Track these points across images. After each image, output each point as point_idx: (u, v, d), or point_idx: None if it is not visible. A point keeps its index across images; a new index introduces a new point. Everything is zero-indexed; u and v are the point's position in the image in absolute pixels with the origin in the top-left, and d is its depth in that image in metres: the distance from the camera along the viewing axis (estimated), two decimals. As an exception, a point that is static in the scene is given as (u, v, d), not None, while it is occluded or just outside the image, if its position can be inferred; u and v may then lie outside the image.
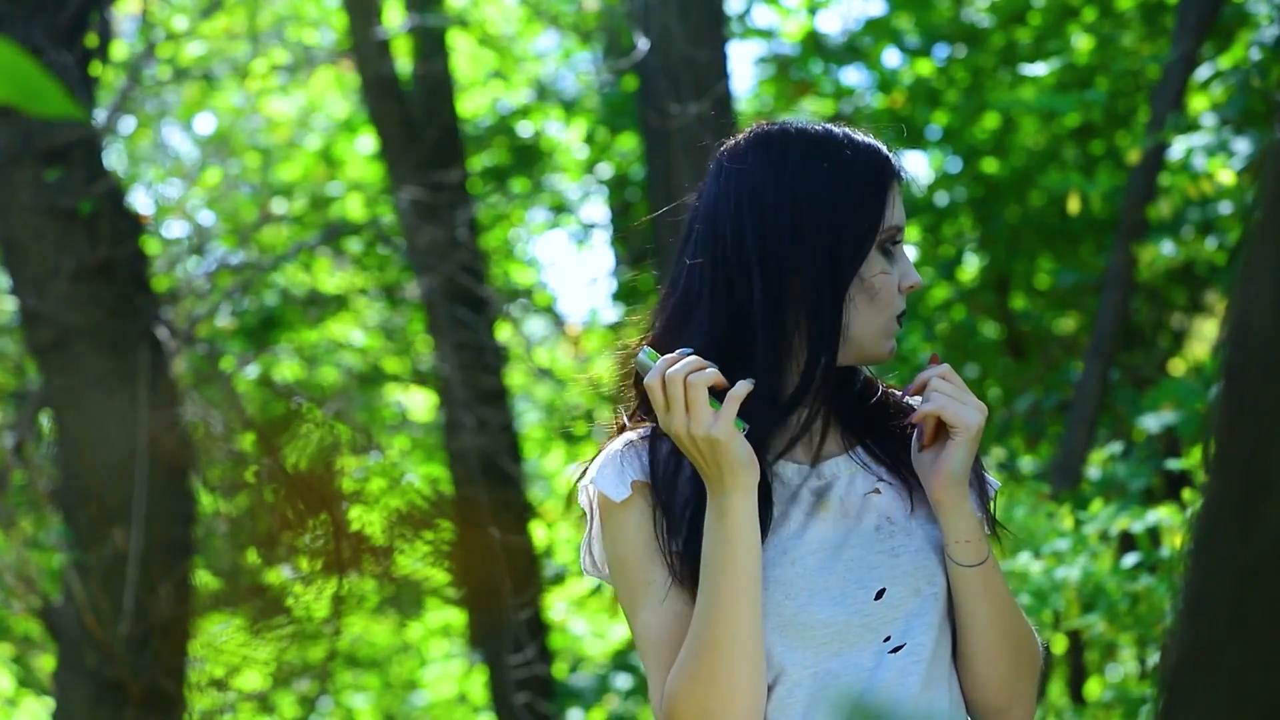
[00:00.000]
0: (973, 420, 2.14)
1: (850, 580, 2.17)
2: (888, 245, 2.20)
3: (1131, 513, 4.09)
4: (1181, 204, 6.41)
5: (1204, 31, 5.63)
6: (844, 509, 2.20)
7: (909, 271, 2.22)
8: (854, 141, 2.22)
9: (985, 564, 2.16)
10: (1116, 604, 3.99)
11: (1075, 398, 5.80)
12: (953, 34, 7.25)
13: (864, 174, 2.19)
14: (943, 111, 7.08)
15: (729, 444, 2.09)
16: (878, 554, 2.18)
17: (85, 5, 5.31)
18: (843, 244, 2.17)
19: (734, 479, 2.10)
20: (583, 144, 9.17)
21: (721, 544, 2.11)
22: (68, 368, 5.17)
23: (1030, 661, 2.22)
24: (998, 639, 2.18)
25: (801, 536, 2.19)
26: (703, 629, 2.11)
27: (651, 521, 2.20)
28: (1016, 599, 2.25)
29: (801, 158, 2.20)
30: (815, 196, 2.18)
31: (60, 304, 5.16)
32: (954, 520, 2.16)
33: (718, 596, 2.10)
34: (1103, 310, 5.78)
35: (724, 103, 6.34)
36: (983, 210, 7.34)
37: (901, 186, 2.23)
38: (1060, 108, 6.23)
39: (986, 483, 2.29)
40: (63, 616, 5.38)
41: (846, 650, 2.15)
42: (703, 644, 2.11)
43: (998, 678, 2.19)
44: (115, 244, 5.26)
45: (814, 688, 2.15)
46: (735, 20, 7.57)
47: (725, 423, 2.09)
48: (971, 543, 2.16)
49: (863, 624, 2.16)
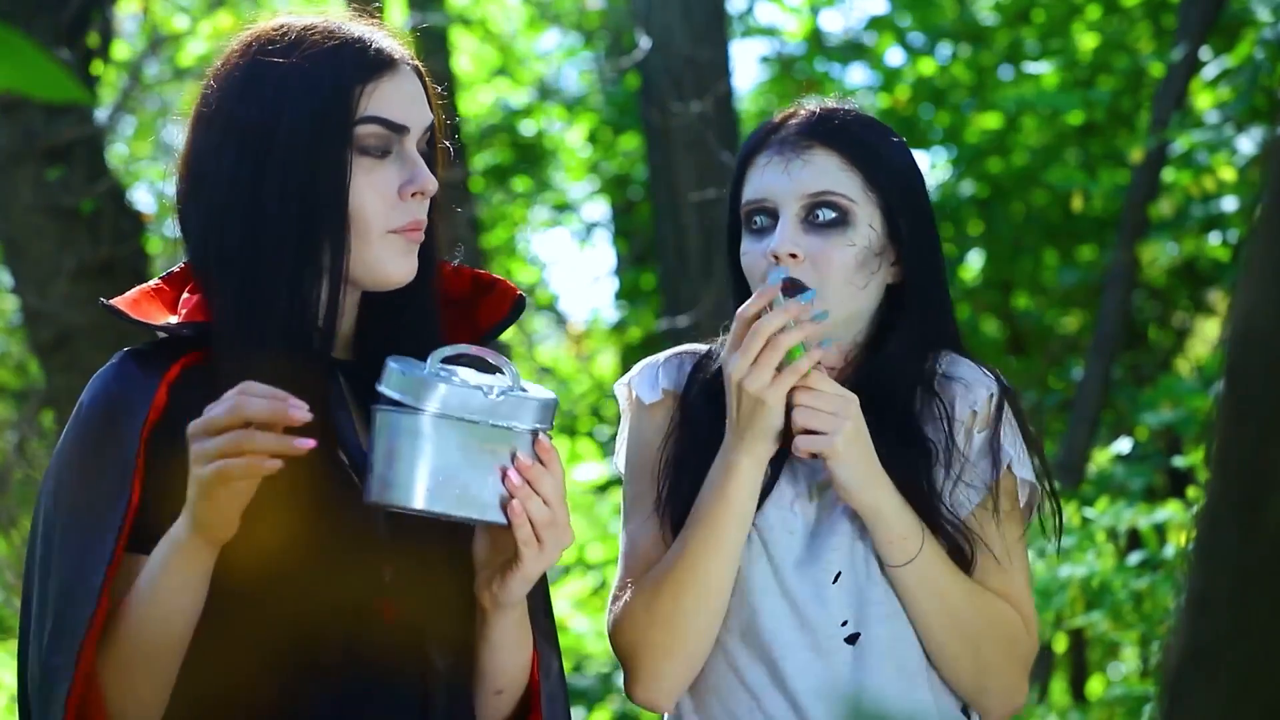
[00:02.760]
0: (832, 443, 2.07)
1: (812, 561, 2.15)
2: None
3: (1139, 510, 4.08)
4: (1184, 202, 6.40)
5: (1205, 31, 5.62)
6: (822, 490, 2.19)
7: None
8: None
9: (915, 563, 2.11)
10: (1120, 602, 3.98)
11: (1077, 396, 5.80)
12: (957, 32, 7.25)
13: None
14: (945, 112, 7.08)
15: (771, 411, 2.08)
16: (839, 536, 2.16)
17: (86, 4, 5.31)
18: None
19: (754, 443, 2.09)
20: (585, 143, 9.17)
21: (718, 498, 2.10)
22: (69, 367, 5.17)
23: (1000, 655, 2.16)
24: (947, 635, 2.14)
25: (790, 510, 2.18)
26: (672, 567, 2.12)
27: (670, 433, 2.20)
28: (979, 592, 2.18)
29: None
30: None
31: (62, 303, 5.15)
32: (871, 523, 2.12)
33: (696, 544, 2.11)
34: (1105, 309, 5.78)
35: (726, 102, 6.33)
36: (985, 209, 7.34)
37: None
38: (1064, 106, 6.23)
39: (1011, 471, 2.19)
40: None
41: (807, 628, 2.14)
42: (667, 581, 2.12)
43: (958, 671, 2.16)
44: (117, 243, 5.26)
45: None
46: (738, 19, 7.56)
47: (779, 391, 2.07)
48: (894, 543, 2.11)
49: (820, 606, 2.14)
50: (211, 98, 1.91)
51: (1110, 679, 7.29)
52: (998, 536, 2.18)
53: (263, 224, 1.86)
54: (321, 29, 1.91)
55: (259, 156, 1.86)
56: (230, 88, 1.90)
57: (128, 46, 6.53)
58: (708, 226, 6.29)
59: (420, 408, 1.78)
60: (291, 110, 1.86)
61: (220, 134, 1.89)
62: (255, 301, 1.85)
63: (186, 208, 1.93)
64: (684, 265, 6.34)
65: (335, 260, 1.86)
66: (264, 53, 1.90)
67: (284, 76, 1.88)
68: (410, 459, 1.77)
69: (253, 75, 1.89)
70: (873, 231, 2.16)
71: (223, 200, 1.87)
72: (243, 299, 1.86)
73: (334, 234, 1.86)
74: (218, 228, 1.88)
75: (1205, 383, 5.40)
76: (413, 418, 1.78)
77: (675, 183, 6.31)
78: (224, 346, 1.86)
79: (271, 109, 1.87)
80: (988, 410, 2.19)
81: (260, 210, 1.86)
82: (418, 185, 1.90)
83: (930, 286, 2.21)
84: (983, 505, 2.18)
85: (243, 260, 1.86)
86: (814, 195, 2.14)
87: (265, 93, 1.88)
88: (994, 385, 2.20)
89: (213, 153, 1.89)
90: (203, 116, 1.92)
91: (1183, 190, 6.18)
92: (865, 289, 2.16)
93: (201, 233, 1.90)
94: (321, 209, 1.86)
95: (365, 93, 1.88)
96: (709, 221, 6.29)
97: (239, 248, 1.86)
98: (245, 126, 1.87)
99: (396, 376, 1.79)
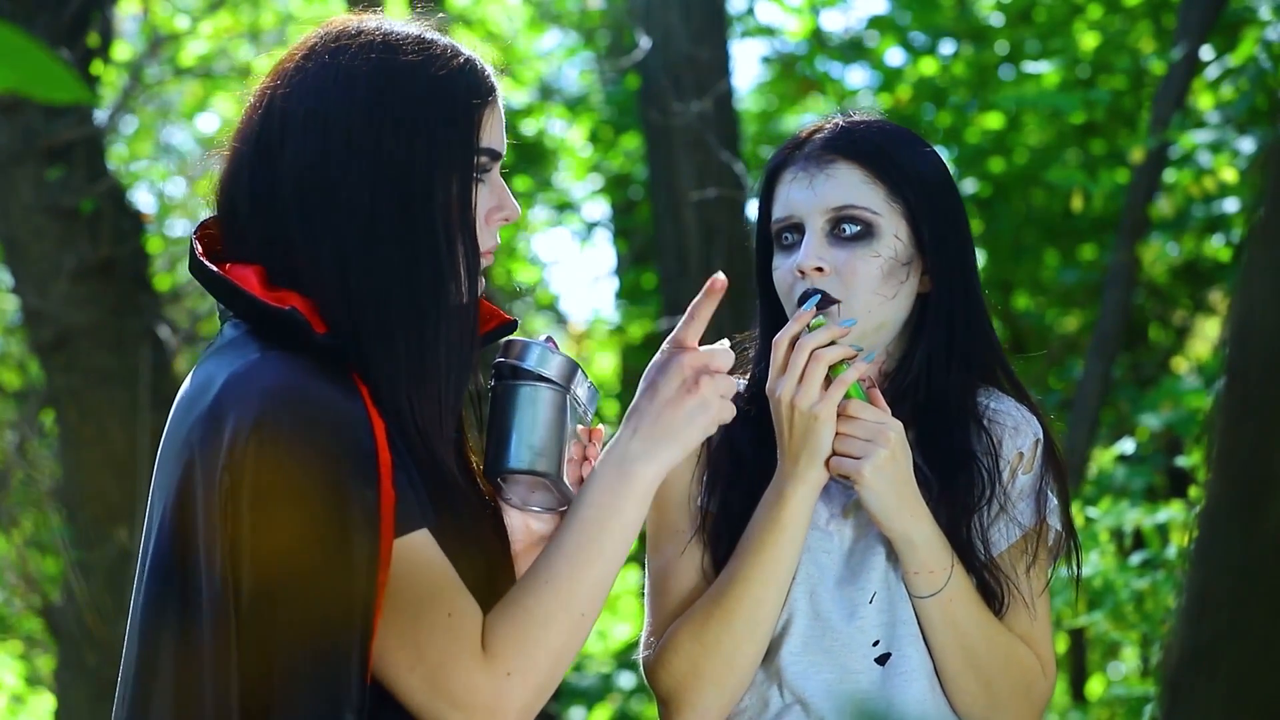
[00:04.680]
0: (859, 468, 2.08)
1: (850, 581, 2.17)
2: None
3: (1142, 509, 4.08)
4: (1184, 202, 6.41)
5: (1206, 31, 5.62)
6: (857, 509, 2.20)
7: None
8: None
9: (939, 596, 2.12)
10: (1122, 602, 3.98)
11: (1077, 396, 5.79)
12: (958, 32, 7.24)
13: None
14: (946, 112, 7.07)
15: (825, 426, 2.08)
16: (877, 556, 2.17)
17: (87, 4, 5.31)
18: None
19: (809, 466, 2.10)
20: (586, 143, 9.17)
21: (771, 526, 2.11)
22: (69, 366, 5.17)
23: (1015, 697, 2.17)
24: (961, 668, 2.15)
25: (826, 531, 2.19)
26: (723, 596, 2.12)
27: (695, 469, 2.22)
28: (1000, 632, 2.19)
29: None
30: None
31: (62, 303, 5.15)
32: (900, 551, 2.13)
33: (749, 573, 2.11)
34: (1105, 308, 5.78)
35: (726, 101, 6.34)
36: (986, 209, 7.34)
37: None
38: (1064, 106, 6.22)
39: (1046, 513, 2.22)
40: (64, 615, 5.38)
41: (837, 649, 2.15)
42: (720, 611, 2.12)
43: (969, 705, 2.17)
44: (117, 243, 5.25)
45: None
46: (738, 18, 7.57)
47: (829, 404, 2.08)
48: (921, 574, 2.12)
49: (854, 626, 2.15)
50: (323, 94, 1.84)
51: (1110, 679, 7.29)
52: (1026, 579, 2.20)
53: (412, 248, 1.82)
54: (443, 45, 1.89)
55: (399, 177, 1.82)
56: (354, 91, 1.84)
57: (128, 46, 6.53)
58: (708, 226, 6.29)
59: (566, 387, 1.94)
60: (429, 132, 1.84)
61: (345, 142, 1.82)
62: (421, 323, 1.82)
63: (290, 209, 1.83)
64: (684, 265, 6.33)
65: (472, 280, 1.86)
66: (389, 60, 1.85)
67: (419, 91, 1.85)
68: (558, 431, 1.93)
69: (381, 83, 1.84)
70: (898, 241, 2.18)
71: (364, 219, 1.81)
72: (406, 318, 1.82)
73: (470, 256, 1.86)
74: (360, 247, 1.81)
75: (1205, 383, 5.40)
76: (561, 394, 1.93)
77: (675, 183, 6.31)
78: (382, 366, 1.81)
79: (409, 128, 1.83)
80: (1033, 455, 2.23)
81: (408, 235, 1.82)
82: (507, 212, 1.93)
83: (958, 293, 2.22)
84: (1017, 547, 2.20)
85: (399, 284, 1.81)
86: (837, 209, 2.17)
87: (400, 107, 1.83)
88: (1039, 430, 2.23)
89: (339, 162, 1.82)
90: (313, 113, 1.84)
91: (1183, 191, 6.18)
92: (894, 299, 2.18)
93: (335, 246, 1.81)
94: (457, 234, 1.85)
95: (482, 121, 1.90)
96: (709, 221, 6.29)
97: (392, 271, 1.81)
98: (382, 142, 1.82)
99: (548, 357, 1.94)
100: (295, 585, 1.70)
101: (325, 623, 1.70)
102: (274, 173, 1.84)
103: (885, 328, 2.19)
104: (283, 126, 1.85)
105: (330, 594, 1.70)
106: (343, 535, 1.69)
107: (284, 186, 1.83)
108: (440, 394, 1.82)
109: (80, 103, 4.68)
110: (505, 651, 1.75)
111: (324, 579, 1.70)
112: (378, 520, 1.71)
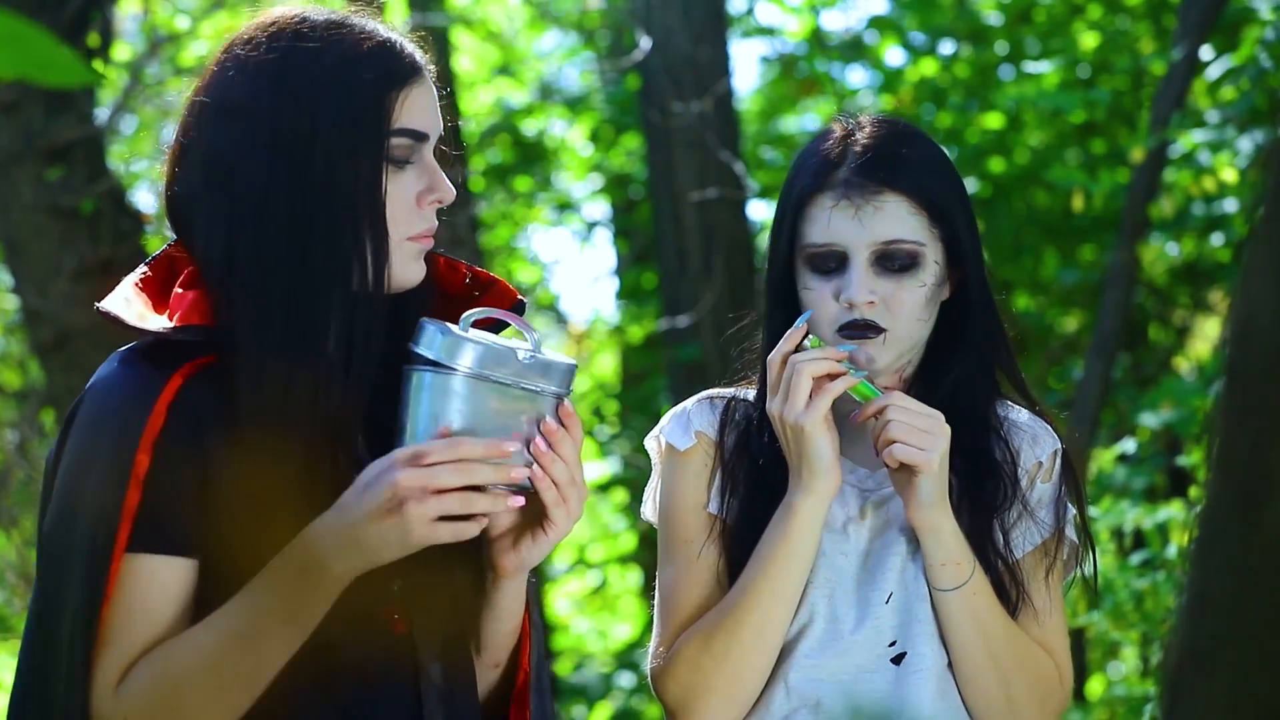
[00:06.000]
0: (931, 459, 2.10)
1: (868, 582, 2.17)
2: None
3: (1142, 509, 4.08)
4: (1184, 202, 6.40)
5: (1206, 31, 5.62)
6: (875, 508, 2.21)
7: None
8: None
9: (964, 589, 2.13)
10: (1122, 602, 3.98)
11: (1077, 396, 5.79)
12: (958, 32, 7.24)
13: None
14: (947, 112, 7.07)
15: (813, 436, 2.09)
16: (895, 556, 2.18)
17: (87, 4, 5.31)
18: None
19: (811, 478, 2.10)
20: (586, 143, 9.17)
21: (780, 539, 2.11)
22: (69, 367, 5.16)
23: (1033, 701, 2.17)
24: (982, 667, 2.15)
25: (843, 533, 2.20)
26: (732, 608, 2.12)
27: (707, 477, 2.22)
28: (1019, 634, 2.19)
29: None
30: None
31: (62, 303, 5.15)
32: (929, 544, 2.14)
33: (758, 586, 2.11)
34: (1105, 308, 5.77)
35: (726, 101, 6.34)
36: (986, 208, 7.34)
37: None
38: (1065, 106, 6.22)
39: (1064, 523, 2.23)
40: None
41: (853, 649, 2.15)
42: (728, 622, 2.12)
43: (985, 702, 2.17)
44: (117, 243, 5.25)
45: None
46: (738, 18, 7.57)
47: (814, 414, 2.09)
48: (947, 566, 2.13)
49: (870, 626, 2.15)
50: (231, 86, 1.86)
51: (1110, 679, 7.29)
52: (1044, 586, 2.21)
53: (307, 230, 1.82)
54: (355, 28, 1.88)
55: (298, 160, 1.82)
56: (258, 80, 1.85)
57: (128, 46, 6.53)
58: (708, 226, 6.29)
59: (454, 367, 1.79)
60: (330, 114, 1.83)
61: (247, 128, 1.83)
62: (306, 308, 1.81)
63: (198, 198, 1.86)
64: (684, 265, 6.33)
65: (377, 267, 1.84)
66: (294, 47, 1.85)
67: (321, 75, 1.84)
68: (443, 419, 1.78)
69: (284, 70, 1.84)
70: (937, 266, 2.21)
71: (257, 201, 1.82)
72: (289, 304, 1.81)
73: (375, 242, 1.85)
74: (251, 229, 1.83)
75: (1205, 383, 5.39)
76: (447, 377, 1.79)
77: (675, 183, 6.32)
78: (252, 351, 1.81)
79: (309, 110, 1.83)
80: (1052, 465, 2.24)
81: (304, 216, 1.82)
82: (437, 194, 1.90)
83: (984, 300, 2.26)
84: (1034, 554, 2.21)
85: (286, 266, 1.82)
86: (886, 243, 2.17)
87: (301, 91, 1.83)
88: (1057, 442, 2.25)
89: (238, 147, 1.83)
90: (222, 106, 1.86)
91: (1183, 190, 6.18)
92: (929, 320, 2.21)
93: (226, 230, 1.84)
94: (361, 218, 1.84)
95: (398, 101, 1.87)
96: (709, 221, 6.29)
97: (281, 253, 1.82)
98: (280, 126, 1.83)
99: (432, 336, 1.81)
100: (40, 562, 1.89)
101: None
102: (188, 169, 1.87)
103: (920, 345, 2.23)
104: (197, 124, 1.87)
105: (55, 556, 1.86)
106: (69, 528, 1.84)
107: (194, 179, 1.86)
108: (335, 383, 1.81)
109: (86, 84, 4.67)
110: (133, 699, 1.78)
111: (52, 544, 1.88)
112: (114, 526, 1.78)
